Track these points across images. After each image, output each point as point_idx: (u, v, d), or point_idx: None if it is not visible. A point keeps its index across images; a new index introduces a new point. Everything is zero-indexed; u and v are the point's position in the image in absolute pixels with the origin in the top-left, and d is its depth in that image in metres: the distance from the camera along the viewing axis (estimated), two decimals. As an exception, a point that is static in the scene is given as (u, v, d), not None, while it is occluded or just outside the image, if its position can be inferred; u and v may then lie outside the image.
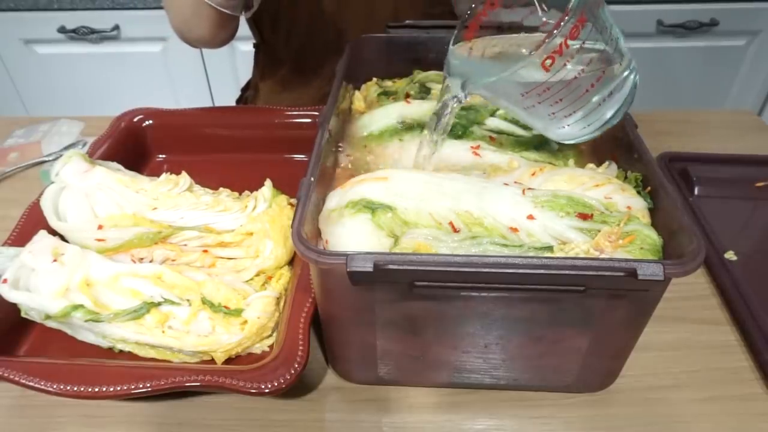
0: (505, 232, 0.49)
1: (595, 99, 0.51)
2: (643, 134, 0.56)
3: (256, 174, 0.70)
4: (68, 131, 0.97)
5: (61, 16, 1.53)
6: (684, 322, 0.63)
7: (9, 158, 0.91)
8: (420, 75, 0.74)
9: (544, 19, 0.54)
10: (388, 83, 0.76)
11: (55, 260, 0.56)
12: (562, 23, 0.44)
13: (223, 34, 0.81)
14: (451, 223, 0.50)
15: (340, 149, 0.65)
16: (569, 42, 0.45)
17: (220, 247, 0.63)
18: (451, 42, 0.57)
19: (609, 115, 0.53)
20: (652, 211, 0.51)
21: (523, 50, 0.57)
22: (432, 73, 0.74)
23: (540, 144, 0.63)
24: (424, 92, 0.72)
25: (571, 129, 0.54)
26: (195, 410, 0.56)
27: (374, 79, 0.77)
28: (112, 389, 0.49)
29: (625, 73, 0.52)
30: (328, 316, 0.52)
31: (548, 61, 0.46)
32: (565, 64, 0.47)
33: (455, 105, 0.56)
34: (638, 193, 0.53)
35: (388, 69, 0.77)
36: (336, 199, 0.53)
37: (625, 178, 0.56)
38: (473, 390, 0.57)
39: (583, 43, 0.47)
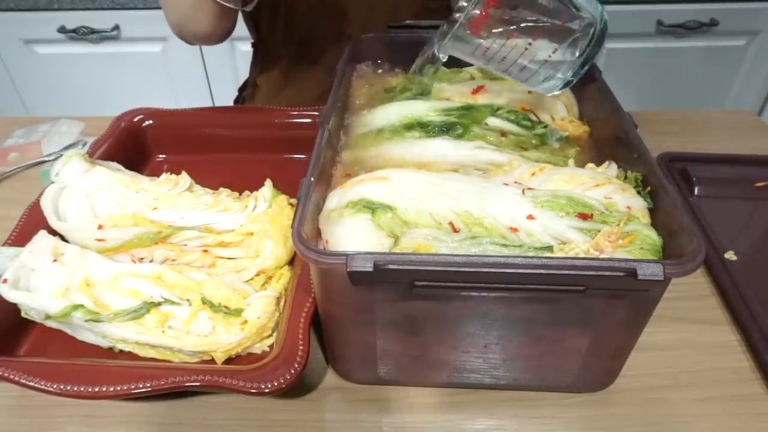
0: (505, 232, 0.49)
1: (541, 53, 0.55)
2: (643, 134, 0.56)
3: (256, 174, 0.70)
4: (68, 131, 0.97)
5: (61, 16, 1.53)
6: (684, 322, 0.63)
7: (9, 158, 0.91)
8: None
9: None
10: (388, 77, 0.76)
11: (55, 260, 0.56)
12: None
13: (222, 27, 0.80)
14: (451, 223, 0.50)
15: (340, 148, 0.65)
16: (490, 10, 0.52)
17: (220, 247, 0.63)
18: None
19: (570, 64, 0.56)
20: (652, 211, 0.51)
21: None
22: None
23: (540, 144, 0.63)
24: (424, 91, 0.72)
25: (537, 82, 0.58)
26: (195, 410, 0.56)
27: (374, 74, 0.77)
28: (112, 389, 0.49)
29: (577, 24, 0.54)
30: (328, 316, 0.52)
31: (473, 27, 0.53)
32: (493, 27, 0.52)
33: (431, 59, 0.63)
34: (638, 193, 0.53)
35: (388, 69, 0.77)
36: (336, 199, 0.53)
37: (625, 178, 0.56)
38: (473, 390, 0.57)
39: (508, 6, 0.52)
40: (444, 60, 0.62)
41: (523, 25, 0.53)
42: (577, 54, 0.55)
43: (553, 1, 0.53)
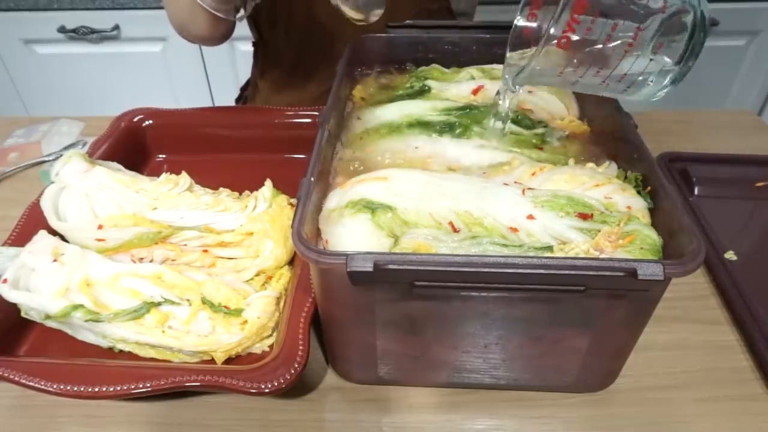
0: (505, 232, 0.49)
1: (641, 56, 0.48)
2: (643, 134, 0.56)
3: (256, 174, 0.70)
4: (68, 131, 0.97)
5: (61, 16, 1.53)
6: (684, 322, 0.63)
7: (9, 158, 0.91)
8: (419, 71, 0.74)
9: None
10: (388, 77, 0.76)
11: (55, 260, 0.56)
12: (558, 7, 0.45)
13: (219, 31, 0.81)
14: (451, 223, 0.50)
15: (340, 148, 0.65)
16: (575, 18, 0.45)
17: (220, 247, 0.63)
18: (508, 47, 0.58)
19: (674, 61, 0.50)
20: (652, 211, 0.51)
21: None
22: (433, 68, 0.74)
23: (540, 143, 0.63)
24: (423, 89, 0.72)
25: (639, 88, 0.51)
26: (195, 410, 0.56)
27: (374, 73, 0.77)
28: (112, 389, 0.49)
29: (675, 18, 0.49)
30: (328, 316, 0.52)
31: (563, 41, 0.46)
32: (585, 36, 0.46)
33: (508, 95, 0.58)
34: (638, 193, 0.53)
35: (389, 69, 0.77)
36: (336, 199, 0.53)
37: (625, 178, 0.56)
38: (473, 390, 0.57)
39: (597, 11, 0.45)
40: (520, 92, 0.57)
41: (618, 27, 0.46)
42: (678, 49, 0.49)
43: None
